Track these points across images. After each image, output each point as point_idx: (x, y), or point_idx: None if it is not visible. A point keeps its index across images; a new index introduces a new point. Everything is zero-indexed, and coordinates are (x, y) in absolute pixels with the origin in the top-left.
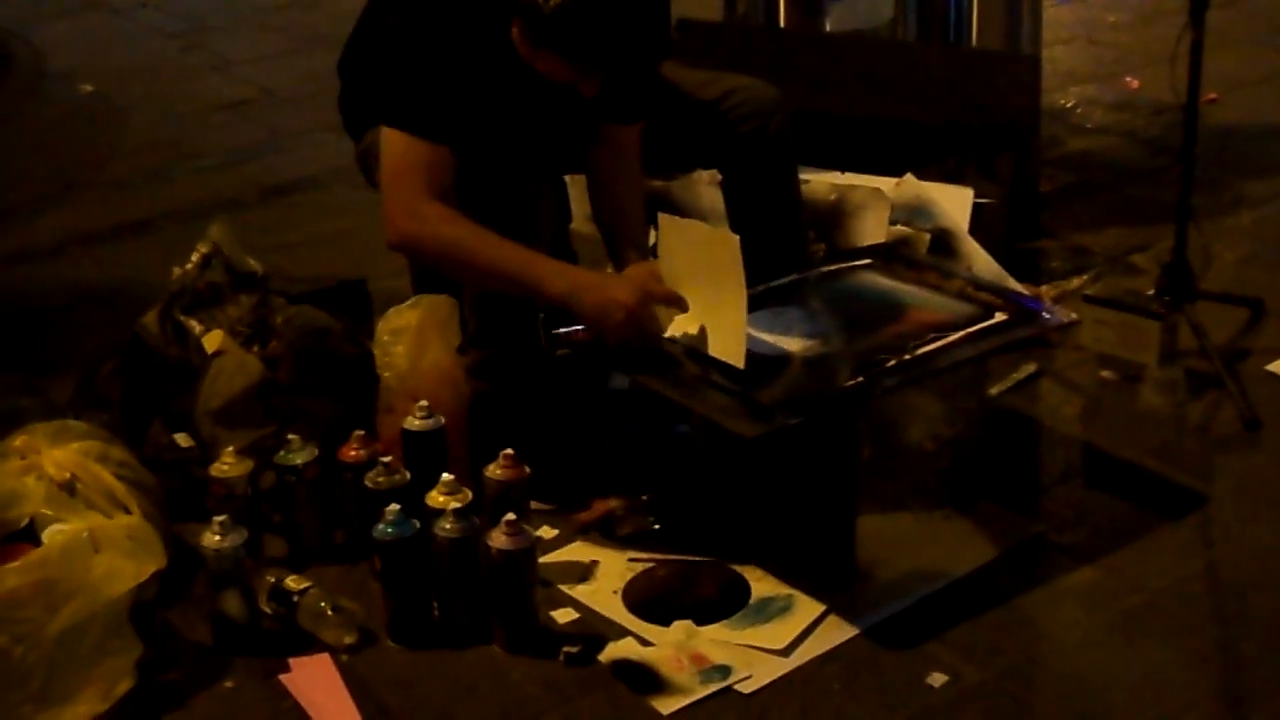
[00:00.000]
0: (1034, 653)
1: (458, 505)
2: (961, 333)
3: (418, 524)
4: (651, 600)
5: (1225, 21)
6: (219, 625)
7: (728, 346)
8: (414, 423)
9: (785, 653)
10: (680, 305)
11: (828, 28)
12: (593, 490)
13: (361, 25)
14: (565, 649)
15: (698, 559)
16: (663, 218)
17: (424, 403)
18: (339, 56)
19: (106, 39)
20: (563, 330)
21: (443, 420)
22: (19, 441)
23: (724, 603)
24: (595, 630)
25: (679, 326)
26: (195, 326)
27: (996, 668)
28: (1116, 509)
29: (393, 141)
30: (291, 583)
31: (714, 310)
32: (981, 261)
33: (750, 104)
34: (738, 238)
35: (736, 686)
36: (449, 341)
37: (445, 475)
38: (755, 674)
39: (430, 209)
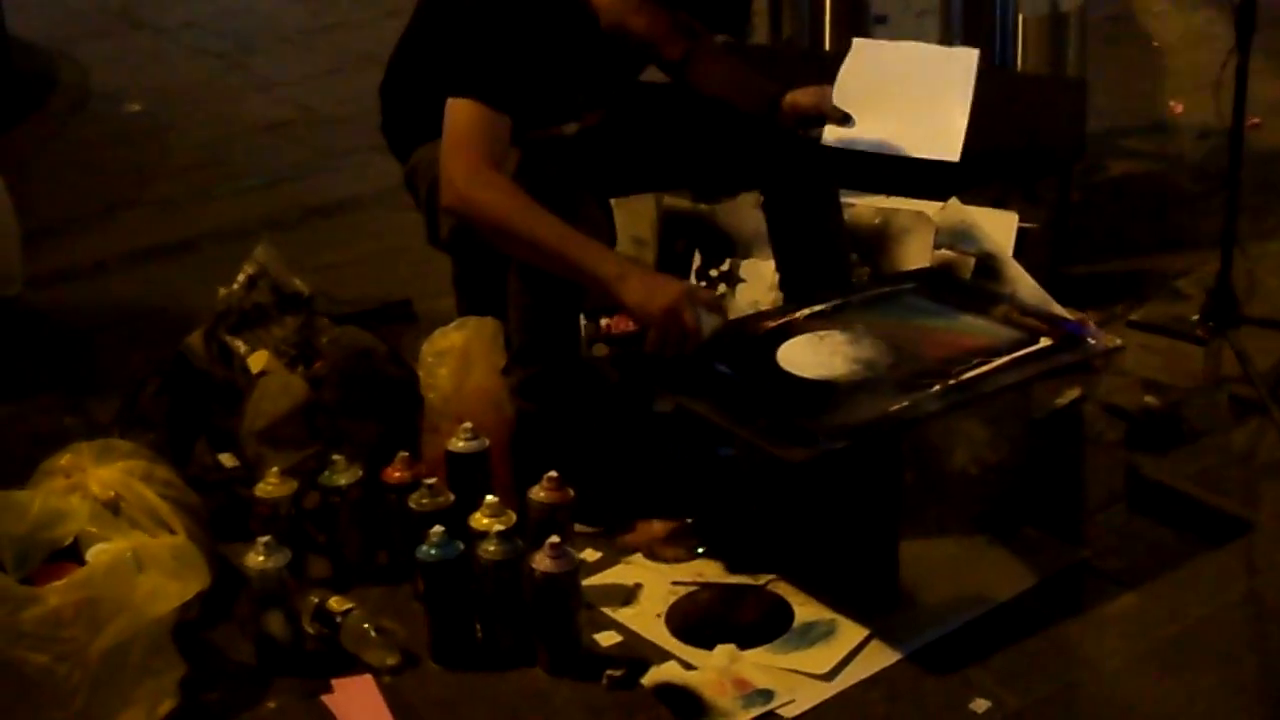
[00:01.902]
0: (1075, 679)
1: (501, 527)
2: (1006, 358)
3: (461, 546)
4: (695, 624)
5: (1270, 46)
6: (262, 645)
7: (941, 144)
8: (458, 444)
9: (828, 677)
10: (722, 313)
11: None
12: (637, 513)
13: (403, 45)
14: (608, 672)
15: (741, 583)
16: (859, 41)
17: (468, 424)
18: (382, 77)
19: (151, 59)
20: (605, 321)
21: (487, 442)
22: (64, 460)
23: (767, 627)
24: (638, 653)
25: (874, 129)
26: (240, 346)
27: (1038, 694)
28: (1159, 535)
29: (458, 109)
30: (335, 603)
31: (923, 118)
32: (1026, 286)
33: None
34: (978, 51)
35: (779, 711)
36: (494, 363)
37: (489, 497)
38: (798, 698)
39: (492, 176)
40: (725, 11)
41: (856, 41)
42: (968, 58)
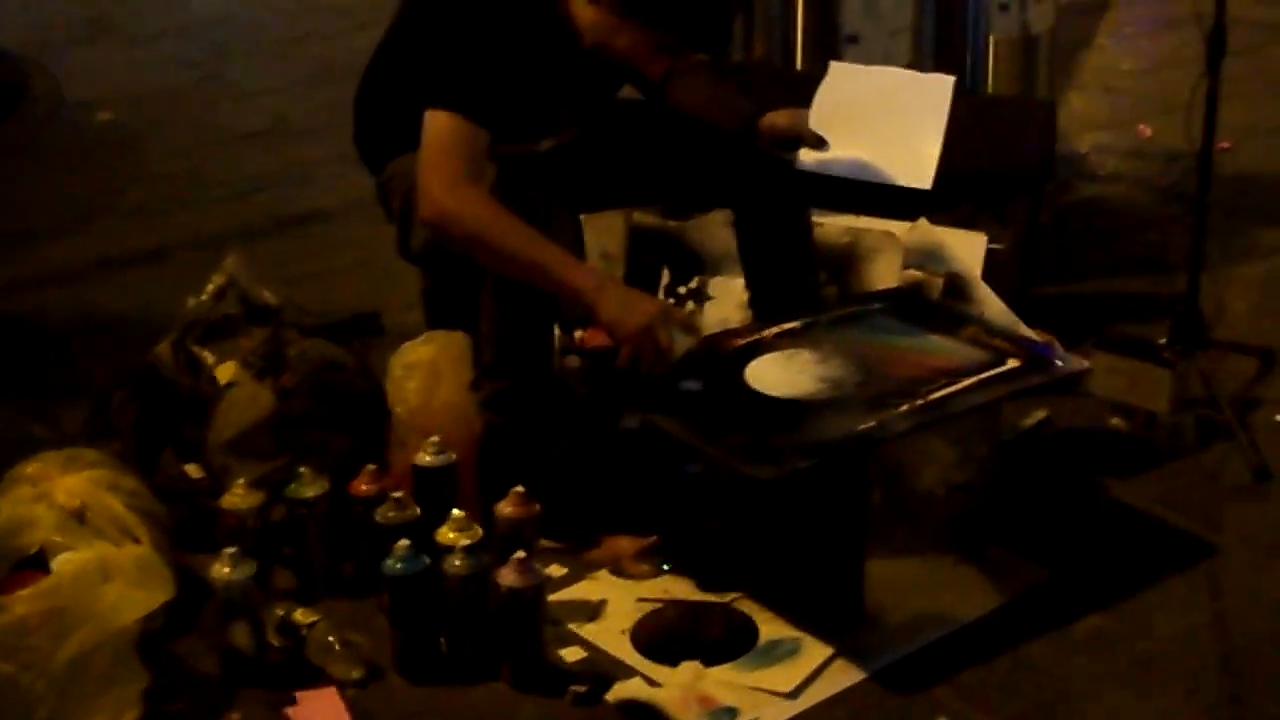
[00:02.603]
0: (1042, 698)
1: (468, 542)
2: (973, 378)
3: (427, 560)
4: (660, 640)
5: (1239, 71)
6: (227, 657)
7: (914, 172)
8: (425, 458)
9: (793, 695)
10: (695, 334)
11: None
12: (603, 529)
13: (378, 58)
14: (573, 688)
15: (706, 600)
16: (836, 65)
17: (435, 438)
18: (356, 89)
19: (125, 68)
20: (579, 334)
21: (454, 456)
22: (30, 468)
23: (732, 644)
24: (603, 669)
25: (848, 154)
26: (209, 357)
27: (1005, 713)
28: (1126, 557)
29: (437, 121)
30: (300, 616)
31: (897, 144)
32: (994, 307)
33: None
34: (953, 79)
35: None
36: (462, 378)
37: (456, 512)
38: (762, 716)
39: (470, 189)
40: (707, 31)
41: (833, 65)
42: (943, 85)
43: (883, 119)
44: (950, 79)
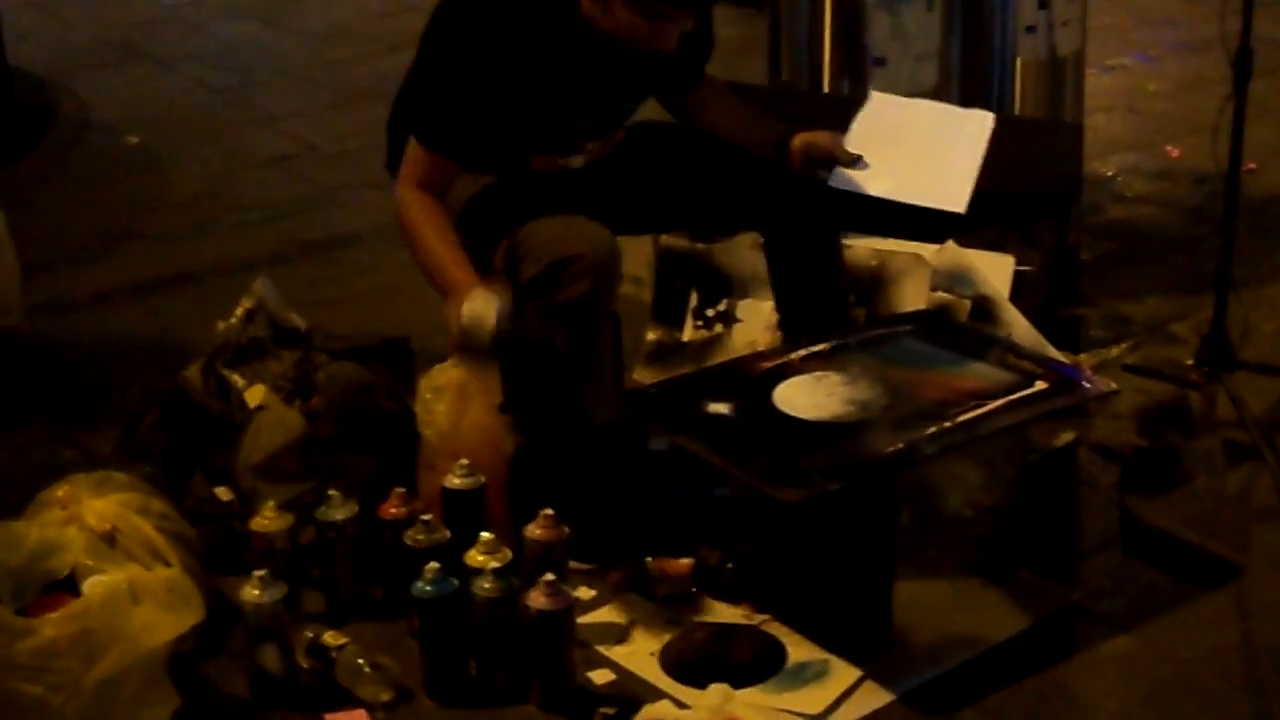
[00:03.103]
0: None
1: (497, 565)
2: (1001, 400)
3: (456, 583)
4: (688, 663)
5: (1266, 92)
6: (256, 679)
7: (948, 195)
8: (454, 481)
9: (821, 717)
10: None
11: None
12: (632, 550)
13: (406, 83)
14: (601, 710)
15: (735, 622)
16: (876, 94)
17: (465, 461)
18: (388, 114)
19: (151, 92)
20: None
21: (483, 479)
22: (61, 492)
23: (760, 666)
24: (631, 692)
25: (882, 176)
26: (238, 381)
27: None
28: (1153, 579)
29: (413, 146)
30: (329, 638)
31: (932, 170)
32: (1021, 329)
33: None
34: (994, 115)
35: None
36: (491, 400)
37: (485, 534)
38: None
39: (410, 195)
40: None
41: (874, 94)
42: (983, 121)
43: (920, 146)
44: (990, 115)
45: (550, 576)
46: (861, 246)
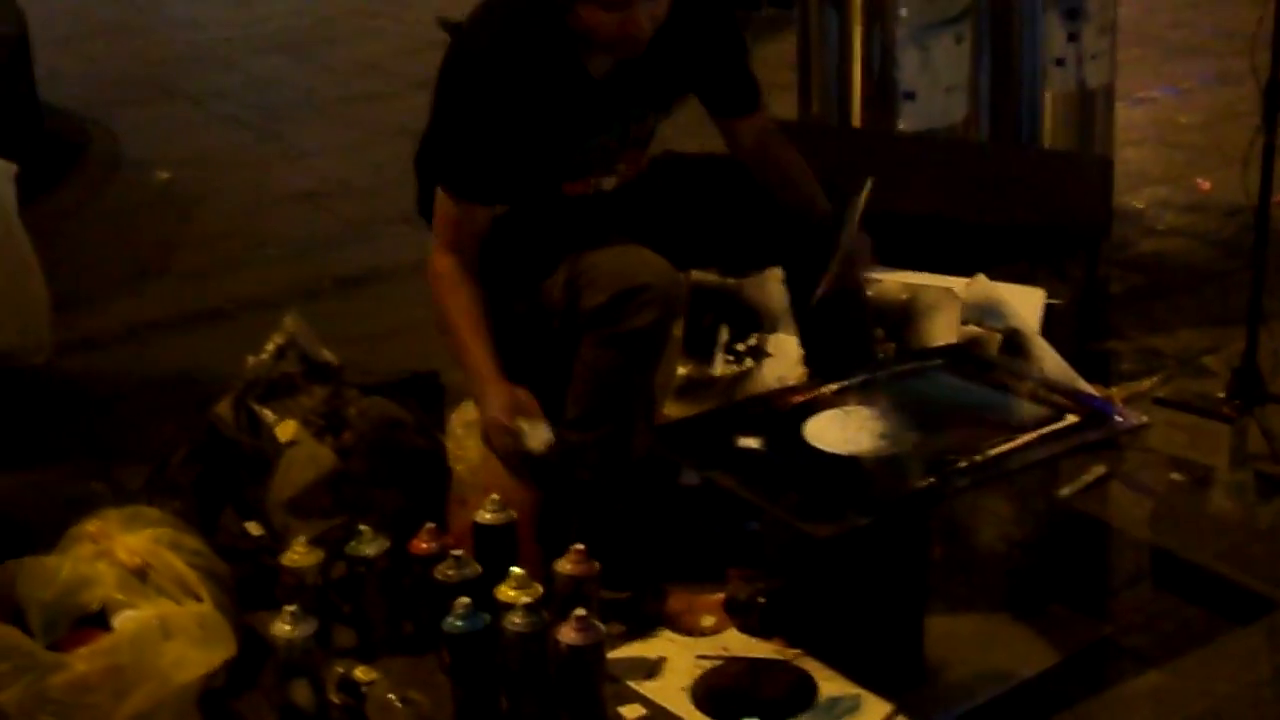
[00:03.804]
0: None
1: (528, 600)
2: (1032, 434)
3: (487, 618)
4: (719, 697)
5: None
6: (287, 715)
7: None
8: (485, 516)
9: None
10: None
11: (900, 127)
12: (663, 584)
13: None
14: None
15: (767, 656)
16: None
17: (495, 496)
18: (415, 150)
19: (183, 128)
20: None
21: (514, 514)
22: (92, 527)
23: (792, 701)
24: None
25: None
26: (269, 416)
27: None
28: (1185, 613)
29: (439, 197)
30: (360, 674)
31: None
32: (1052, 363)
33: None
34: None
35: None
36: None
37: (515, 569)
38: None
39: (443, 266)
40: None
41: None
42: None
43: None
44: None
45: (581, 612)
46: (891, 280)
